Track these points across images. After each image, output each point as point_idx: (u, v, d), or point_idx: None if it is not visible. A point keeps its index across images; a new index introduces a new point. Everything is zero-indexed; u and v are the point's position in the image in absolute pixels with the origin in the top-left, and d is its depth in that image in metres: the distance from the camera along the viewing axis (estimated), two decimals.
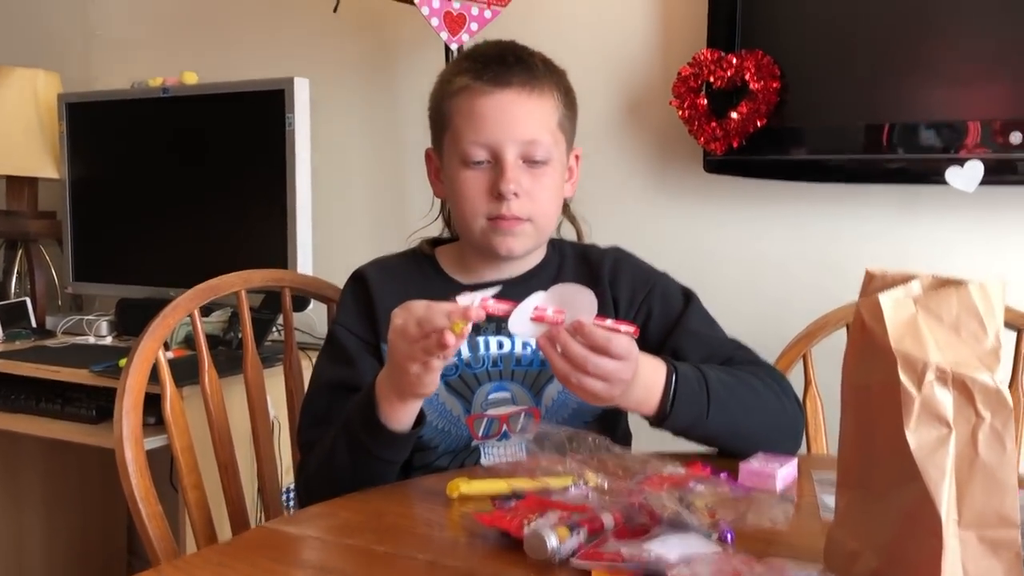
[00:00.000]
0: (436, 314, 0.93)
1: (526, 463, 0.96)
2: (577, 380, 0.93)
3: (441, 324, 0.92)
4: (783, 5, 1.77)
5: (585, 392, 0.94)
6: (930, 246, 1.74)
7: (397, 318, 0.96)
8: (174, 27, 2.55)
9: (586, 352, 0.92)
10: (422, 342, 0.93)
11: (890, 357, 0.68)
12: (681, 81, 1.78)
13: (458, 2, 1.89)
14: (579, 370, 0.92)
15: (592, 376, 0.93)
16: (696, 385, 1.04)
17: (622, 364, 0.94)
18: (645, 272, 1.26)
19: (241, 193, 2.17)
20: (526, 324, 0.95)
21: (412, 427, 1.03)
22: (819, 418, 1.46)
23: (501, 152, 1.13)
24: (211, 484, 1.35)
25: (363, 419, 1.03)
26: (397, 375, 0.98)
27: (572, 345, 0.92)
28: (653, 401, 1.02)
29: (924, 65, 1.64)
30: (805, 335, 1.48)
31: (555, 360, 0.94)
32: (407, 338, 0.94)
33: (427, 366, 0.95)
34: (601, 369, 0.93)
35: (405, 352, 0.95)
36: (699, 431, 1.06)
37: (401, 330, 0.95)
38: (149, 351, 1.28)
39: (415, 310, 0.95)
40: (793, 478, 1.06)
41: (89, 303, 2.66)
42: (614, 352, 0.93)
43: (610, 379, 0.94)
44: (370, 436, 1.03)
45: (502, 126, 1.12)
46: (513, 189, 1.12)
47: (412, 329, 0.94)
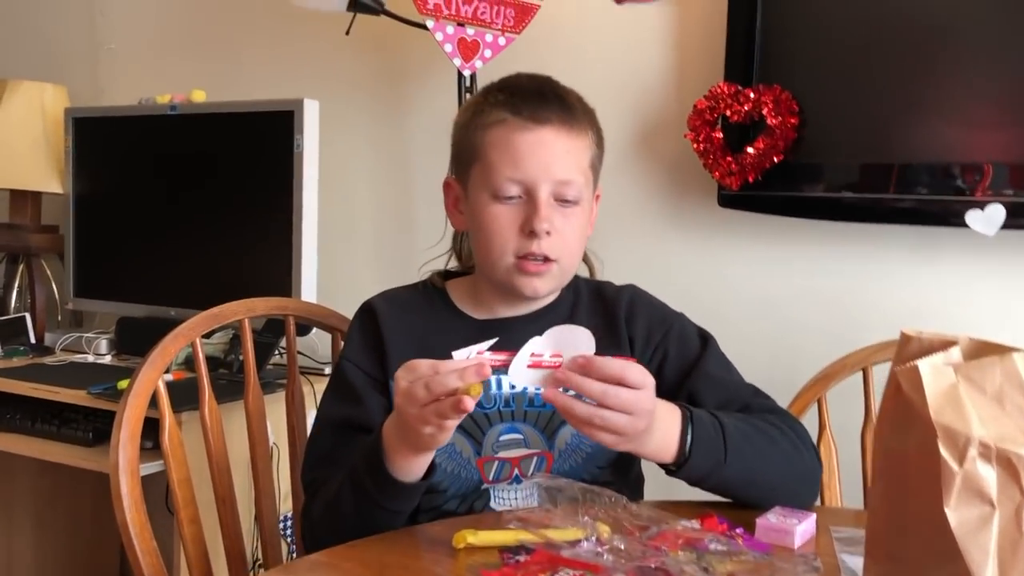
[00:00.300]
0: (447, 377, 0.89)
1: (537, 514, 0.93)
2: (600, 419, 0.90)
3: (454, 386, 0.88)
4: (802, 40, 1.75)
5: (609, 430, 0.91)
6: (948, 289, 1.71)
7: (401, 380, 0.93)
8: (184, 44, 2.53)
9: (603, 386, 0.89)
10: (433, 405, 0.90)
11: (929, 429, 0.64)
12: (697, 114, 1.76)
13: (472, 28, 1.87)
14: (599, 406, 0.89)
15: (614, 411, 0.90)
16: (713, 432, 1.01)
17: (641, 392, 0.91)
18: (662, 312, 1.23)
19: (246, 214, 2.14)
20: (525, 372, 0.93)
21: (422, 477, 1.00)
22: (832, 463, 1.43)
23: (536, 189, 1.10)
24: (208, 510, 1.32)
25: (369, 468, 0.99)
26: (407, 432, 0.95)
27: (586, 382, 0.90)
28: (671, 448, 0.99)
29: (944, 105, 1.62)
30: (821, 378, 1.45)
31: (571, 406, 0.91)
32: (416, 402, 0.91)
33: (442, 427, 0.91)
34: (621, 401, 0.90)
35: (415, 415, 0.91)
36: (715, 480, 1.03)
37: (408, 393, 0.91)
38: (149, 381, 1.25)
39: (420, 371, 0.91)
40: (812, 535, 1.02)
41: (89, 320, 2.62)
42: (631, 380, 0.90)
43: (632, 410, 0.91)
44: (377, 487, 0.99)
45: (539, 164, 1.09)
46: (546, 228, 1.09)
47: (421, 393, 0.90)
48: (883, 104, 1.66)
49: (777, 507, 1.03)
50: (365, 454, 1.01)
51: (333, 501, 1.05)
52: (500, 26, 1.88)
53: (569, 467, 1.13)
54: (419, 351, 1.14)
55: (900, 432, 0.69)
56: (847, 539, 1.02)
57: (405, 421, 0.93)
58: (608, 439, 0.93)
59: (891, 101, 1.65)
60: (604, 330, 1.19)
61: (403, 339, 1.16)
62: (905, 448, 0.69)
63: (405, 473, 0.98)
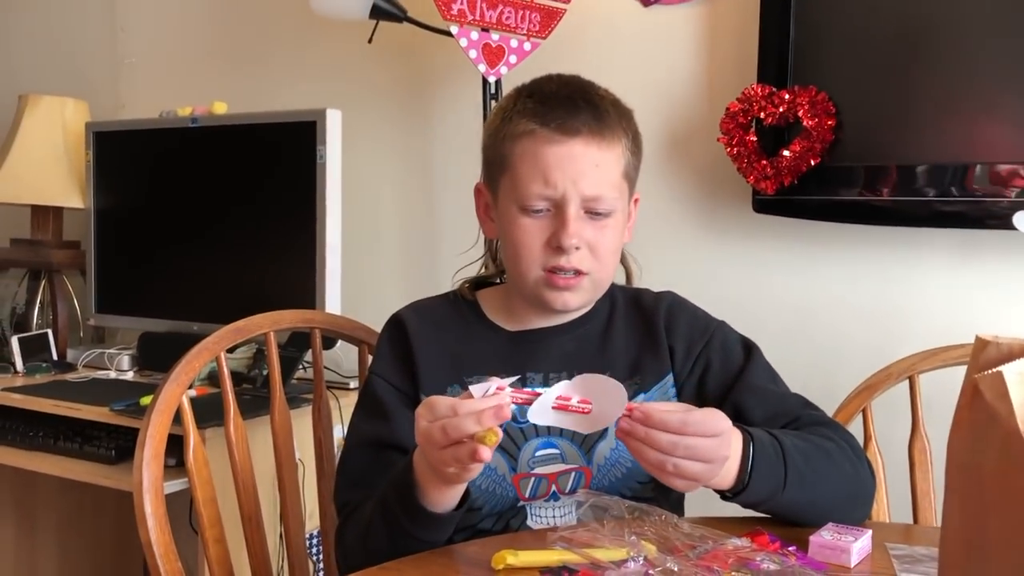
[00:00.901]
0: (464, 420, 0.85)
1: (581, 532, 0.88)
2: (673, 466, 0.87)
3: (470, 431, 0.85)
4: (837, 40, 1.70)
5: (682, 476, 0.88)
6: (993, 294, 1.66)
7: (421, 419, 0.89)
8: (204, 56, 2.52)
9: (672, 437, 0.86)
10: (451, 450, 0.86)
11: (1016, 440, 0.59)
12: (730, 117, 1.71)
13: (497, 34, 1.83)
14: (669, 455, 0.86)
15: (688, 459, 0.87)
16: (774, 456, 0.96)
17: (719, 439, 0.88)
18: (702, 321, 1.18)
19: (269, 226, 2.11)
20: (548, 413, 0.90)
21: (456, 506, 0.96)
22: (879, 476, 1.38)
23: (564, 204, 1.05)
24: (233, 525, 1.29)
25: (401, 499, 0.96)
26: (434, 468, 0.91)
27: (654, 433, 0.86)
28: (732, 475, 0.94)
29: (986, 103, 1.57)
30: (866, 387, 1.40)
31: (642, 450, 0.88)
32: (434, 445, 0.87)
33: (464, 469, 0.88)
34: (697, 452, 0.87)
35: (436, 458, 0.88)
36: (774, 503, 0.98)
37: (427, 435, 0.88)
38: (172, 397, 1.22)
39: (439, 411, 0.87)
40: (868, 552, 0.97)
41: (111, 336, 2.60)
42: (709, 431, 0.87)
43: (709, 459, 0.88)
44: (409, 518, 0.95)
45: (568, 178, 1.05)
46: (575, 244, 1.05)
47: (438, 436, 0.86)
48: (922, 104, 1.61)
49: (831, 523, 0.98)
50: (396, 484, 0.97)
51: (365, 531, 1.01)
52: (525, 31, 1.85)
53: (608, 483, 1.08)
54: (450, 364, 1.11)
55: (979, 444, 0.64)
56: (905, 556, 0.97)
57: (429, 461, 0.90)
58: (680, 484, 0.89)
59: (931, 100, 1.60)
60: (643, 340, 1.15)
61: (434, 352, 1.13)
62: (984, 462, 0.64)
63: (438, 504, 0.95)
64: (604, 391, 0.89)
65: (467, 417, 0.85)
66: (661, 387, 1.12)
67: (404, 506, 0.95)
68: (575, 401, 0.89)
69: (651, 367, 1.13)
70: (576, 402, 0.89)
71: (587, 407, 0.89)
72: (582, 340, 1.14)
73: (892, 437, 1.41)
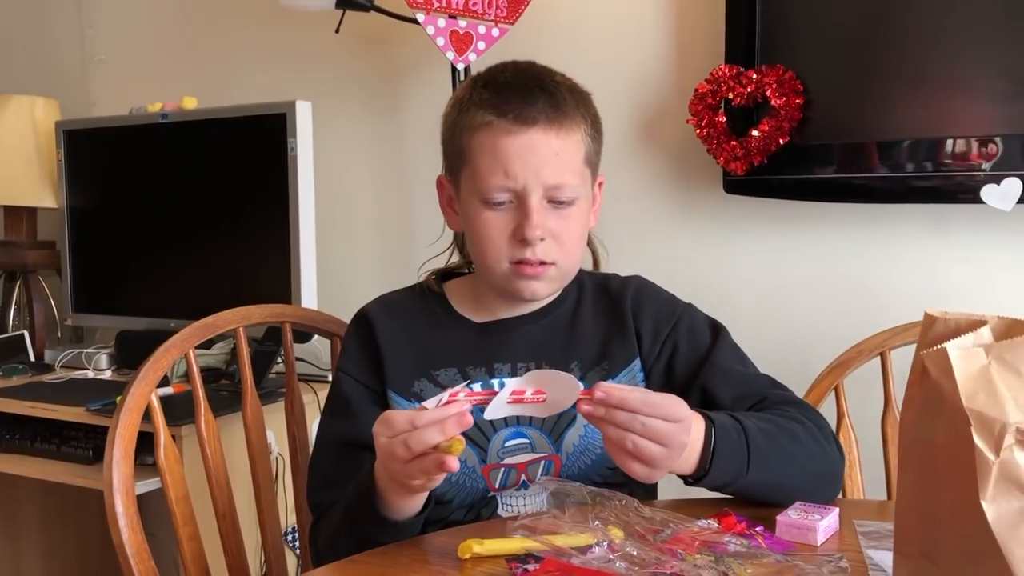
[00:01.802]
0: (426, 432, 0.84)
1: (545, 520, 0.88)
2: (633, 445, 0.86)
3: (433, 442, 0.84)
4: (804, 18, 1.69)
5: (641, 459, 0.87)
6: (964, 268, 1.66)
7: (380, 436, 0.88)
8: (173, 51, 2.50)
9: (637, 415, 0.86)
10: (416, 463, 0.86)
11: (961, 415, 0.59)
12: (698, 98, 1.71)
13: (464, 20, 1.82)
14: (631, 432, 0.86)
15: (646, 439, 0.86)
16: (736, 438, 0.95)
17: (680, 425, 0.87)
18: (670, 303, 1.18)
19: (243, 220, 2.10)
20: (504, 407, 0.90)
21: (420, 510, 0.96)
22: (853, 453, 1.38)
23: (526, 195, 1.04)
24: (210, 525, 1.29)
25: (364, 508, 0.95)
26: (396, 480, 0.91)
27: (625, 402, 0.86)
28: (692, 460, 0.93)
29: (954, 78, 1.57)
30: (837, 365, 1.40)
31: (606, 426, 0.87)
32: (397, 460, 0.86)
33: (429, 479, 0.88)
34: (658, 433, 0.86)
35: (400, 472, 0.88)
36: (738, 486, 0.98)
37: (388, 451, 0.87)
38: (141, 396, 1.22)
39: (398, 427, 0.86)
40: (835, 530, 0.97)
41: (90, 335, 2.59)
42: (670, 415, 0.87)
43: (668, 443, 0.87)
44: (375, 527, 0.95)
45: (527, 168, 1.03)
46: (540, 235, 1.04)
47: (400, 452, 0.85)
48: (891, 80, 1.60)
49: (797, 502, 0.98)
50: (359, 494, 0.97)
51: (334, 536, 1.01)
52: (493, 17, 1.84)
53: (579, 470, 1.08)
54: (417, 358, 1.11)
55: (928, 420, 0.65)
56: (872, 533, 0.97)
57: (392, 476, 0.90)
58: (639, 469, 0.88)
59: (899, 76, 1.59)
60: (610, 325, 1.15)
61: (401, 347, 1.12)
62: (934, 437, 0.64)
63: (401, 511, 0.95)
64: (555, 381, 0.89)
65: (429, 429, 0.84)
66: (628, 372, 1.12)
67: (368, 515, 0.95)
68: (529, 393, 0.89)
69: (619, 352, 1.13)
70: (530, 394, 0.89)
71: (542, 396, 0.89)
72: (549, 328, 1.13)
73: (866, 413, 1.41)
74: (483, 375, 1.10)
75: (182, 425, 1.64)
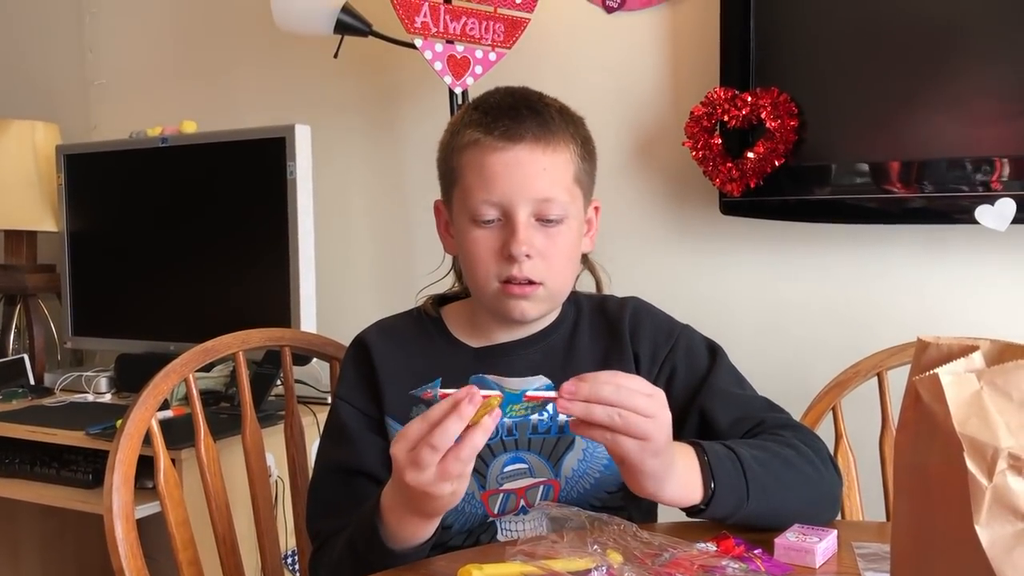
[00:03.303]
0: (446, 425, 0.82)
1: (543, 544, 0.88)
2: (622, 419, 0.83)
3: (456, 431, 0.82)
4: (797, 41, 1.71)
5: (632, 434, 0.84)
6: (960, 288, 1.67)
7: (399, 453, 0.85)
8: (173, 76, 2.51)
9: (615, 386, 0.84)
10: (451, 459, 0.83)
11: (953, 441, 0.60)
12: (694, 121, 1.72)
13: (462, 45, 1.84)
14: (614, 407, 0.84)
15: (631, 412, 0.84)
16: (732, 469, 0.95)
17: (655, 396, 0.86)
18: (667, 325, 1.18)
19: (243, 243, 2.11)
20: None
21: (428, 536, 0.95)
22: (852, 474, 1.38)
23: (512, 211, 1.04)
24: (210, 549, 1.29)
25: (369, 541, 0.94)
26: (419, 502, 0.88)
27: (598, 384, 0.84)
28: (694, 490, 0.93)
29: (947, 99, 1.58)
30: (835, 385, 1.40)
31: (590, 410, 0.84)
32: (427, 466, 0.83)
33: (463, 476, 0.85)
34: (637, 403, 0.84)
35: (430, 480, 0.84)
36: (738, 517, 0.97)
37: (414, 463, 0.84)
38: (141, 421, 1.22)
39: (413, 434, 0.84)
40: (833, 552, 0.97)
41: (89, 358, 2.59)
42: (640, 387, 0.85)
43: (650, 412, 0.84)
44: (381, 559, 0.94)
45: (513, 184, 1.04)
46: (525, 251, 1.04)
47: (427, 456, 0.83)
48: (884, 101, 1.62)
49: (795, 524, 0.99)
50: (363, 527, 0.95)
51: (337, 568, 1.00)
52: (490, 42, 1.85)
53: (578, 494, 1.08)
54: (415, 384, 1.11)
55: (922, 445, 0.65)
56: (871, 555, 0.98)
57: (415, 492, 0.86)
58: (634, 447, 0.85)
59: (892, 98, 1.61)
60: (609, 348, 1.15)
61: (398, 373, 1.12)
62: (928, 462, 0.64)
63: (411, 539, 0.93)
64: None
65: (447, 421, 0.82)
66: None
67: (372, 549, 0.94)
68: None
69: None
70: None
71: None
72: (547, 351, 1.13)
73: (864, 434, 1.42)
74: None
75: (182, 449, 1.64)
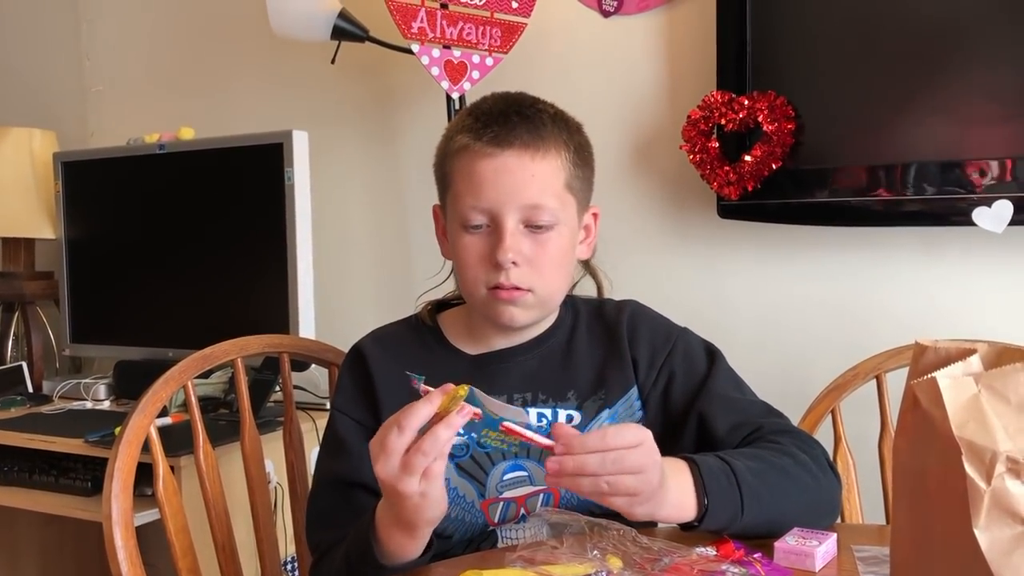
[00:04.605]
0: (419, 405, 0.84)
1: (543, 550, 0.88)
2: (609, 485, 0.83)
3: (425, 414, 0.83)
4: (794, 44, 1.71)
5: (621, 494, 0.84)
6: (958, 290, 1.67)
7: (377, 458, 0.86)
8: (170, 82, 2.52)
9: (599, 456, 0.83)
10: (413, 451, 0.84)
11: (952, 445, 0.60)
12: (691, 124, 1.72)
13: (459, 50, 1.84)
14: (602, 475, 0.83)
15: (618, 473, 0.84)
16: (726, 482, 0.94)
17: (642, 447, 0.85)
18: (665, 328, 1.17)
19: (241, 249, 2.11)
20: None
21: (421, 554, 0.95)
22: (851, 477, 1.38)
23: (500, 218, 1.04)
24: (209, 556, 1.29)
25: (362, 557, 0.94)
26: (399, 510, 0.89)
27: (581, 458, 0.83)
28: (688, 507, 0.92)
29: (944, 102, 1.58)
30: (833, 388, 1.40)
31: (577, 482, 0.84)
32: (389, 451, 0.84)
33: (428, 475, 0.85)
34: (624, 465, 0.83)
35: (394, 471, 0.85)
36: (735, 529, 0.96)
37: (381, 449, 0.85)
38: (140, 428, 1.22)
39: (385, 427, 0.85)
40: (833, 555, 0.98)
41: (88, 365, 2.59)
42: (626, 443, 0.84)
43: (639, 468, 0.84)
44: (373, 573, 0.94)
45: (501, 190, 1.03)
46: (512, 258, 1.04)
47: (393, 440, 0.84)
48: (881, 104, 1.62)
49: (795, 528, 0.99)
50: (358, 541, 0.96)
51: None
52: (487, 46, 1.86)
53: (578, 500, 1.07)
54: (412, 393, 1.10)
55: (920, 449, 0.65)
56: (870, 558, 0.98)
57: (387, 489, 0.87)
58: (623, 503, 0.86)
59: (889, 100, 1.61)
60: (607, 353, 1.14)
61: (395, 382, 1.10)
62: (926, 465, 0.65)
63: (402, 556, 0.93)
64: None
65: (415, 404, 0.84)
66: (625, 401, 1.12)
67: (365, 562, 0.94)
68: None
69: (615, 381, 1.12)
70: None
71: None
72: (544, 358, 1.13)
73: (863, 436, 1.41)
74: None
75: (181, 456, 1.64)
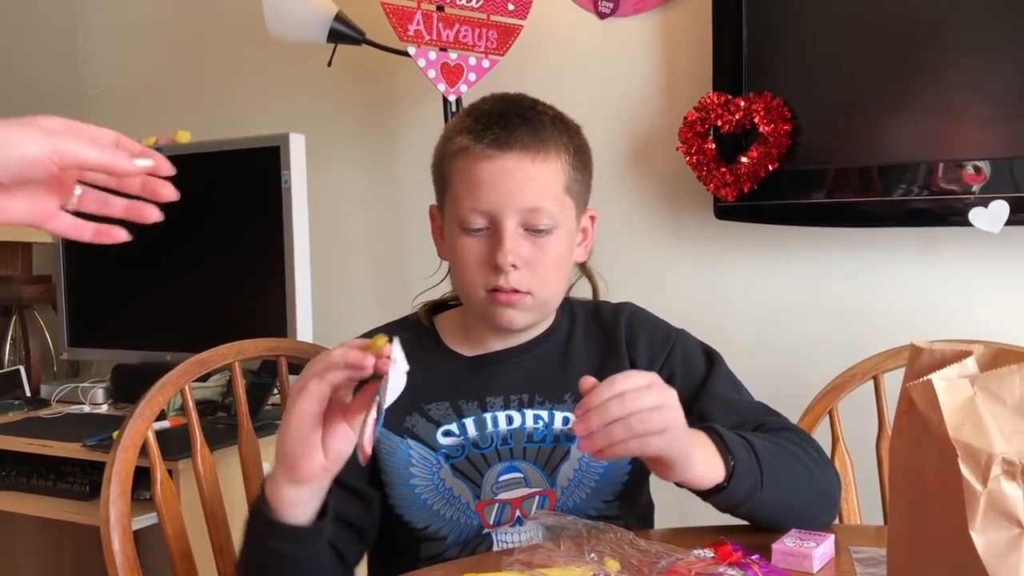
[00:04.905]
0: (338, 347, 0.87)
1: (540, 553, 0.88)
2: (640, 422, 0.83)
3: (346, 350, 0.87)
4: (790, 45, 1.71)
5: (652, 431, 0.84)
6: (955, 290, 1.67)
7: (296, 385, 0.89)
8: (167, 86, 2.52)
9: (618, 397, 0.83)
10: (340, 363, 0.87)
11: (947, 447, 0.60)
12: (688, 126, 1.72)
13: (455, 52, 1.84)
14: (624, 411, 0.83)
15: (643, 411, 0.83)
16: (745, 453, 0.95)
17: (654, 384, 0.86)
18: (663, 330, 1.17)
19: (238, 253, 2.11)
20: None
21: (315, 519, 0.93)
22: (849, 477, 1.38)
23: (500, 221, 1.04)
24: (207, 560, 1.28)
25: (255, 517, 0.95)
26: (282, 435, 0.90)
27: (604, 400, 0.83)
28: (717, 469, 0.92)
29: (940, 102, 1.58)
30: (830, 389, 1.40)
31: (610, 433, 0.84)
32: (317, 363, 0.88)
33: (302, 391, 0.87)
34: (643, 401, 0.83)
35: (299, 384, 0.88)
36: (751, 504, 0.96)
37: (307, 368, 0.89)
38: (137, 433, 1.22)
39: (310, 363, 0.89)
40: (831, 557, 0.98)
41: (86, 368, 2.59)
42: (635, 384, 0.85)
43: (658, 402, 0.84)
44: (266, 533, 0.93)
45: (501, 193, 1.03)
46: (511, 261, 1.04)
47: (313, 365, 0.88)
48: (878, 105, 1.62)
49: (793, 530, 0.99)
50: (252, 506, 0.97)
51: (242, 555, 1.00)
52: (483, 49, 1.86)
53: (574, 503, 1.08)
54: (408, 394, 1.09)
55: (917, 451, 0.65)
56: (868, 559, 0.98)
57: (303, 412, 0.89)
58: (658, 442, 0.85)
59: (885, 101, 1.61)
60: (604, 355, 1.14)
61: None
62: (922, 468, 0.65)
63: (290, 510, 0.92)
64: None
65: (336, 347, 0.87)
66: None
67: (258, 522, 0.94)
68: None
69: None
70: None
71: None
72: (542, 360, 1.13)
73: (860, 437, 1.42)
74: (476, 409, 1.10)
75: (178, 459, 1.64)
